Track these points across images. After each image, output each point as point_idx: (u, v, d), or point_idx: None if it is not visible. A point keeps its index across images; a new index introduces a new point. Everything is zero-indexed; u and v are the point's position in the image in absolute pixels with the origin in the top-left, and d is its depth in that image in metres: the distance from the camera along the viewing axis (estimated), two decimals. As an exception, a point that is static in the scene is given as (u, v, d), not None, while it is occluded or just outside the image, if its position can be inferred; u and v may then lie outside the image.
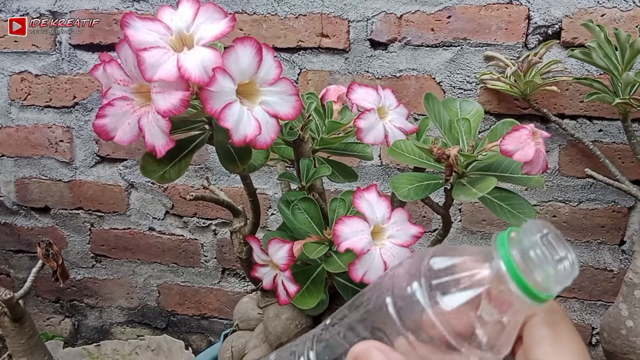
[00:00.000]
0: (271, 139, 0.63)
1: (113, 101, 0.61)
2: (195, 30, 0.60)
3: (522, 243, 0.33)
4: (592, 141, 1.26)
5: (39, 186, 1.64)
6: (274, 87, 0.63)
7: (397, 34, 1.32)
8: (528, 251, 0.33)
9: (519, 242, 0.33)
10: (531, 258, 0.32)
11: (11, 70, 1.57)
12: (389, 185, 0.77)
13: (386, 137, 0.80)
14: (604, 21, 1.20)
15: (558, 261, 0.33)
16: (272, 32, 1.37)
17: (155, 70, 0.57)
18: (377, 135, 0.79)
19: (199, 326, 1.67)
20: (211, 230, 1.57)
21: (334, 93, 0.93)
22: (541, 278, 0.32)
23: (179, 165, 0.69)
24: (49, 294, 1.75)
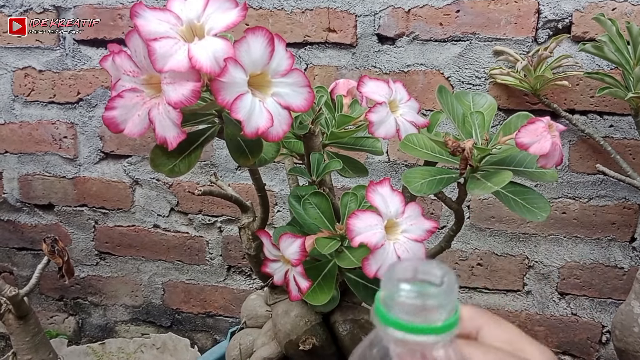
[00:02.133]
0: (283, 131, 0.62)
1: (122, 93, 0.60)
2: (205, 20, 0.59)
3: (388, 302, 0.31)
4: (603, 137, 1.25)
5: (43, 183, 1.63)
6: (286, 79, 0.62)
7: (405, 29, 1.30)
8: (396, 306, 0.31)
9: (386, 301, 0.31)
10: (402, 308, 0.30)
11: (15, 65, 1.56)
12: (399, 180, 0.76)
13: (397, 130, 0.78)
14: (615, 15, 1.19)
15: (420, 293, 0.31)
16: (279, 27, 1.35)
17: (166, 61, 0.56)
18: (388, 128, 0.78)
19: (204, 324, 1.66)
20: (216, 227, 1.56)
21: (343, 87, 0.92)
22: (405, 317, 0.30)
23: (188, 158, 0.67)
24: (52, 292, 1.74)
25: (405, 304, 0.30)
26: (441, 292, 0.31)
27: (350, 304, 0.96)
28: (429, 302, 0.30)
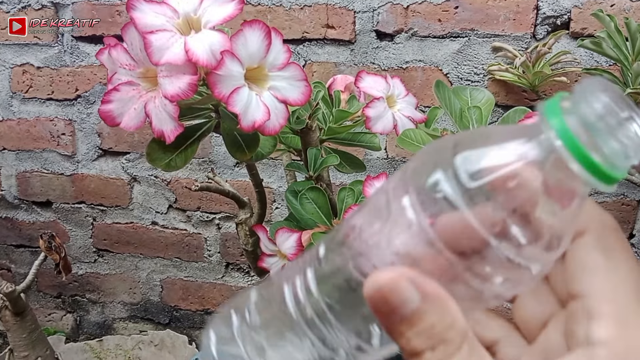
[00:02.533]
0: (280, 124, 0.62)
1: (119, 86, 0.60)
2: (202, 13, 0.59)
3: (580, 109, 0.24)
4: (601, 133, 1.25)
5: (41, 180, 1.63)
6: (282, 72, 0.62)
7: (404, 25, 1.30)
8: (589, 118, 0.24)
9: (575, 108, 0.24)
10: (595, 126, 0.24)
11: (13, 62, 1.56)
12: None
13: (395, 126, 0.78)
14: (614, 11, 1.18)
15: (627, 126, 0.24)
16: (277, 23, 1.35)
17: (162, 54, 0.56)
18: (386, 124, 0.78)
19: (203, 321, 1.66)
20: (215, 224, 1.56)
21: (341, 82, 0.92)
22: (610, 150, 0.24)
23: (185, 153, 0.67)
24: (50, 289, 1.74)
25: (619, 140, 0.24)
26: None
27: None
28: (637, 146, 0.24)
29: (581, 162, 0.24)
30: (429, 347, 0.26)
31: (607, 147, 0.24)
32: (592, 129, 0.24)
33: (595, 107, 0.24)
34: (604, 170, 0.24)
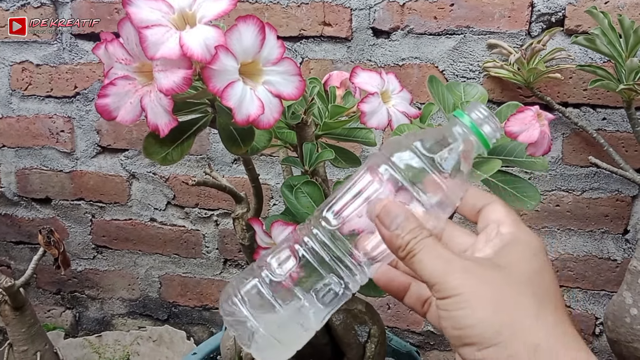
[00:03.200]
0: (274, 119, 0.63)
1: (115, 80, 0.61)
2: (197, 8, 0.60)
3: (472, 114, 0.49)
4: (596, 130, 1.26)
5: (40, 177, 1.64)
6: (277, 67, 0.63)
7: (400, 22, 1.31)
8: (477, 117, 0.49)
9: (470, 113, 0.49)
10: (481, 120, 0.49)
11: (12, 60, 1.57)
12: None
13: (390, 121, 0.79)
14: (608, 8, 1.19)
15: (493, 121, 0.49)
16: (274, 21, 1.36)
17: (158, 48, 0.57)
18: (380, 119, 0.79)
19: (201, 317, 1.67)
20: (213, 220, 1.56)
21: (336, 79, 0.92)
22: (488, 131, 0.49)
23: (181, 147, 0.68)
24: (50, 286, 1.75)
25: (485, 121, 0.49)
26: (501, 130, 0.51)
27: (344, 294, 0.96)
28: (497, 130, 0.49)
29: (478, 136, 0.49)
30: (413, 237, 0.46)
31: (486, 130, 0.49)
32: (480, 121, 0.49)
33: (479, 112, 0.49)
34: (487, 141, 0.49)
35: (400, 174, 0.47)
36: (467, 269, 0.44)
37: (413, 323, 1.52)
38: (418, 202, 0.48)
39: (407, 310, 1.50)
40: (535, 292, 0.44)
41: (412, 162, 0.47)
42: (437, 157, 0.47)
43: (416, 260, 0.45)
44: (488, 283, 0.44)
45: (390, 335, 1.16)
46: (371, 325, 0.95)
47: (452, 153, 0.48)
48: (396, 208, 0.47)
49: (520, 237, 0.48)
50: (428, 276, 0.45)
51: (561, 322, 0.43)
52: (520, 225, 0.49)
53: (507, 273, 0.44)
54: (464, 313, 0.42)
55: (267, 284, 0.50)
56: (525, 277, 0.45)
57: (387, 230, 0.47)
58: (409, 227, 0.46)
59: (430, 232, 0.46)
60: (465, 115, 0.49)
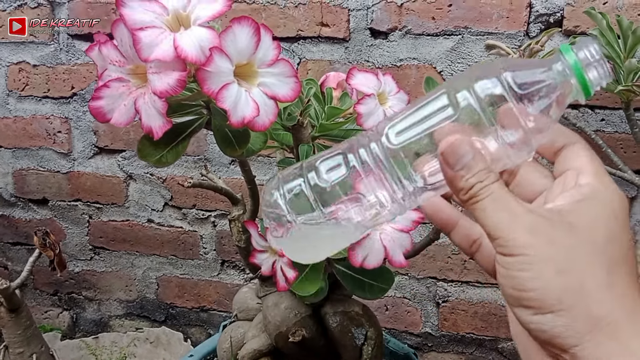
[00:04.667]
0: (269, 120, 0.62)
1: (109, 82, 0.60)
2: (191, 9, 0.59)
3: (580, 52, 0.43)
4: (594, 131, 1.25)
5: (37, 177, 1.63)
6: (272, 69, 0.63)
7: (398, 23, 1.31)
8: (585, 57, 0.43)
9: (577, 51, 0.43)
10: (589, 61, 0.43)
11: (9, 60, 1.56)
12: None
13: (386, 122, 0.79)
14: (606, 9, 1.19)
15: (602, 66, 0.43)
16: (272, 22, 1.36)
17: (152, 50, 0.57)
18: (377, 120, 0.78)
19: (198, 319, 1.66)
20: (210, 222, 1.56)
21: (333, 80, 0.92)
22: (593, 77, 0.43)
23: (176, 149, 0.68)
24: (47, 287, 1.74)
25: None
26: (611, 76, 0.44)
27: (341, 297, 0.96)
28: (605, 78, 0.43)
29: (579, 80, 0.43)
30: (479, 181, 0.42)
31: (592, 74, 0.43)
32: (587, 63, 0.43)
33: (588, 52, 0.43)
34: (589, 87, 0.43)
35: (480, 104, 0.43)
36: (535, 226, 0.40)
37: (411, 325, 1.51)
38: (493, 139, 0.44)
39: (405, 312, 1.50)
40: (609, 259, 0.40)
41: (496, 94, 0.43)
42: (526, 95, 0.43)
43: (479, 208, 0.42)
44: (558, 244, 0.40)
45: (387, 337, 1.16)
46: (368, 327, 0.95)
47: (545, 94, 0.43)
48: (464, 146, 0.42)
49: (601, 193, 0.42)
50: (491, 228, 0.41)
51: (632, 295, 0.40)
52: (603, 177, 0.43)
53: (580, 234, 0.40)
54: (527, 275, 0.40)
55: (311, 185, 0.47)
56: (600, 241, 0.40)
57: (450, 169, 0.43)
58: (475, 169, 0.42)
59: (498, 176, 0.42)
60: (572, 53, 0.43)
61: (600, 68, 0.43)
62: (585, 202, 0.42)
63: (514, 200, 0.41)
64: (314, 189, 0.47)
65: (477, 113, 0.43)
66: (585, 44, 0.43)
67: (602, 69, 0.43)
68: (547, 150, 0.47)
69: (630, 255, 0.41)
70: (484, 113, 0.43)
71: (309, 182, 0.47)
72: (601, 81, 0.43)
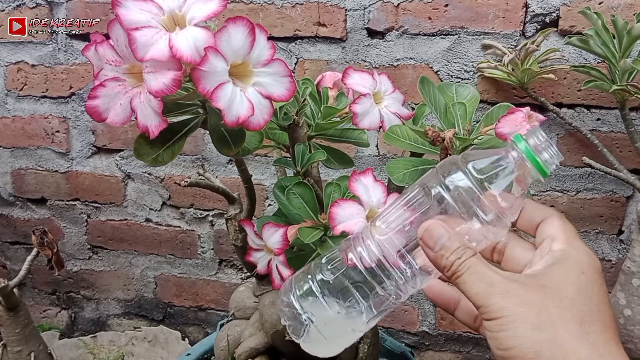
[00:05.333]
0: (264, 120, 0.63)
1: (105, 82, 0.61)
2: (187, 9, 0.60)
3: (530, 140, 0.49)
4: (590, 130, 1.26)
5: (36, 177, 1.64)
6: (267, 68, 0.63)
7: (395, 23, 1.31)
8: (535, 143, 0.49)
9: (527, 138, 0.49)
10: (539, 147, 0.48)
11: (7, 60, 1.56)
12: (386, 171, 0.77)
13: (382, 122, 0.79)
14: (602, 9, 1.19)
15: (551, 149, 0.48)
16: (269, 21, 1.36)
17: (147, 50, 0.57)
18: (372, 120, 0.79)
19: (196, 318, 1.67)
20: (208, 221, 1.56)
21: (329, 79, 0.93)
22: (545, 159, 0.48)
23: (172, 148, 0.68)
24: (45, 286, 1.75)
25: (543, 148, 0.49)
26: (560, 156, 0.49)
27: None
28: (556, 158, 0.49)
29: (533, 163, 0.49)
30: (457, 257, 0.47)
31: (542, 157, 0.49)
32: (537, 148, 0.49)
33: (537, 138, 0.49)
34: (543, 168, 0.49)
35: (451, 195, 0.49)
36: (509, 291, 0.45)
37: (408, 324, 1.52)
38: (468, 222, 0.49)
39: (402, 311, 1.50)
40: (579, 312, 0.44)
41: (463, 184, 0.48)
42: (487, 179, 0.48)
43: (461, 282, 0.47)
44: (530, 304, 0.44)
45: (384, 336, 1.16)
46: (364, 326, 0.95)
47: (504, 177, 0.49)
48: (439, 229, 0.48)
49: (570, 255, 0.48)
50: (473, 298, 0.46)
51: (606, 342, 0.43)
52: (574, 241, 0.49)
53: (550, 293, 0.45)
54: (506, 334, 0.44)
55: (320, 285, 0.52)
56: (569, 297, 0.45)
57: (431, 251, 0.48)
58: (452, 247, 0.47)
59: (475, 251, 0.47)
60: (522, 141, 0.49)
61: (550, 150, 0.49)
62: (556, 265, 0.47)
63: (490, 271, 0.46)
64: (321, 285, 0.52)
65: (449, 202, 0.49)
66: (533, 132, 0.49)
67: (551, 150, 0.49)
68: (528, 228, 0.53)
69: (603, 306, 0.45)
70: (455, 201, 0.49)
71: (316, 279, 0.53)
72: (553, 160, 0.49)
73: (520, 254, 0.53)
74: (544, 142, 0.49)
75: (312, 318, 0.52)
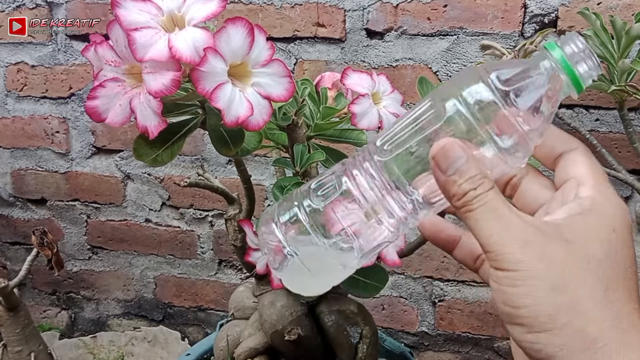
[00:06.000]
0: (263, 120, 0.63)
1: (104, 82, 0.61)
2: (186, 10, 0.60)
3: (566, 47, 0.42)
4: (589, 130, 1.26)
5: (35, 177, 1.64)
6: (266, 69, 0.63)
7: (394, 23, 1.31)
8: (572, 52, 0.42)
9: (563, 46, 0.42)
10: (576, 56, 0.42)
11: (7, 61, 1.57)
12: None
13: (380, 122, 0.80)
14: (600, 9, 1.20)
15: (591, 59, 0.42)
16: (268, 22, 1.36)
17: (146, 50, 0.57)
18: (371, 120, 0.79)
19: (196, 318, 1.67)
20: (208, 221, 1.57)
21: (328, 80, 0.93)
22: (583, 70, 0.42)
23: (171, 148, 0.69)
24: (45, 286, 1.75)
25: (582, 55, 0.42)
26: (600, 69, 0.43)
27: (336, 295, 0.97)
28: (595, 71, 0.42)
29: (569, 74, 0.42)
30: (472, 188, 0.40)
31: (581, 68, 0.42)
32: (574, 57, 0.42)
33: (575, 46, 0.42)
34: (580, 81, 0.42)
35: (469, 110, 0.42)
36: (528, 240, 0.39)
37: (407, 324, 1.52)
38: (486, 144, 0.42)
39: (401, 311, 1.51)
40: (607, 276, 0.38)
41: (484, 96, 0.41)
42: (514, 91, 0.42)
43: (472, 217, 0.40)
44: (552, 261, 0.38)
45: (383, 336, 1.17)
46: (363, 326, 0.96)
47: (533, 90, 0.42)
48: (457, 150, 0.40)
49: (600, 206, 0.41)
50: (483, 240, 0.40)
51: (630, 313, 0.38)
52: (604, 188, 0.42)
53: (575, 249, 0.39)
54: (519, 291, 0.38)
55: (306, 209, 0.46)
56: (598, 257, 0.39)
57: (442, 174, 0.41)
58: (468, 174, 0.40)
59: (493, 183, 0.41)
60: (557, 48, 0.42)
61: (590, 60, 0.42)
62: (583, 216, 0.40)
63: (508, 211, 0.40)
64: (310, 213, 0.46)
65: (467, 120, 0.42)
66: (570, 38, 0.42)
67: (591, 61, 0.42)
68: (546, 158, 0.46)
69: (630, 271, 0.40)
70: (473, 118, 0.41)
71: (303, 206, 0.46)
72: (592, 73, 0.42)
73: (538, 192, 0.46)
74: (582, 50, 0.42)
75: (296, 250, 0.45)
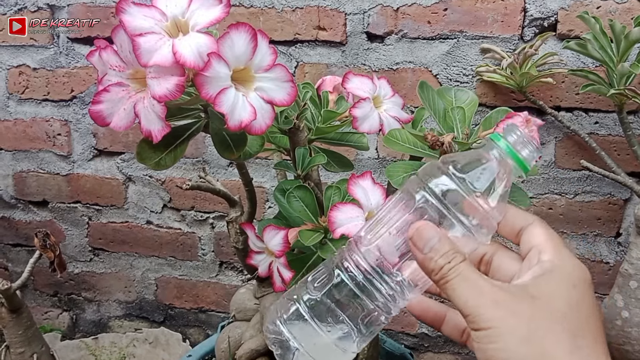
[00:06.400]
0: (266, 124, 0.64)
1: (109, 87, 0.62)
2: (190, 16, 0.61)
3: (509, 137, 0.49)
4: (588, 133, 1.27)
5: (37, 180, 1.65)
6: (268, 74, 0.64)
7: (394, 27, 1.32)
8: (514, 140, 0.49)
9: (507, 136, 0.49)
10: (518, 143, 0.49)
11: (9, 63, 1.57)
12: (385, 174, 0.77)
13: (381, 126, 0.80)
14: (600, 13, 1.20)
15: (531, 145, 0.49)
16: (269, 25, 1.37)
17: (151, 56, 0.58)
18: (372, 124, 0.80)
19: (197, 319, 1.68)
20: (209, 223, 1.57)
21: (330, 83, 0.93)
22: (526, 154, 0.48)
23: (174, 152, 0.69)
24: (47, 288, 1.75)
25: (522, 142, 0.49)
26: (540, 152, 0.52)
27: (337, 297, 0.97)
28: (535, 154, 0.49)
29: (515, 160, 0.49)
30: (447, 262, 0.45)
31: (523, 153, 0.49)
32: (517, 145, 0.49)
33: (516, 135, 0.49)
34: (525, 164, 0.49)
35: (435, 198, 0.48)
36: (499, 301, 0.43)
37: (408, 325, 1.52)
38: (454, 226, 0.48)
39: (401, 313, 1.51)
40: (570, 326, 0.43)
41: (446, 186, 0.48)
42: (470, 180, 0.48)
43: (449, 287, 0.45)
44: (520, 316, 0.43)
45: (384, 338, 1.17)
46: (364, 327, 0.96)
47: (487, 175, 0.48)
48: (430, 230, 0.47)
49: (560, 266, 0.46)
50: (461, 305, 0.45)
51: (598, 356, 0.42)
52: (562, 251, 0.47)
53: (541, 305, 0.44)
54: (494, 347, 0.42)
55: (307, 305, 0.51)
56: (560, 310, 0.43)
57: (420, 253, 0.47)
58: (442, 250, 0.46)
59: (464, 256, 0.46)
60: (502, 139, 0.49)
61: (530, 145, 0.49)
62: (545, 277, 0.46)
63: (480, 278, 0.45)
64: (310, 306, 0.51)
65: (435, 206, 0.48)
66: (511, 129, 0.50)
67: (531, 145, 0.49)
68: (510, 234, 0.52)
69: (593, 318, 0.44)
70: (440, 204, 0.48)
71: (303, 300, 0.52)
72: (533, 155, 0.49)
73: (508, 265, 0.52)
74: (522, 137, 0.49)
75: (301, 343, 0.50)
